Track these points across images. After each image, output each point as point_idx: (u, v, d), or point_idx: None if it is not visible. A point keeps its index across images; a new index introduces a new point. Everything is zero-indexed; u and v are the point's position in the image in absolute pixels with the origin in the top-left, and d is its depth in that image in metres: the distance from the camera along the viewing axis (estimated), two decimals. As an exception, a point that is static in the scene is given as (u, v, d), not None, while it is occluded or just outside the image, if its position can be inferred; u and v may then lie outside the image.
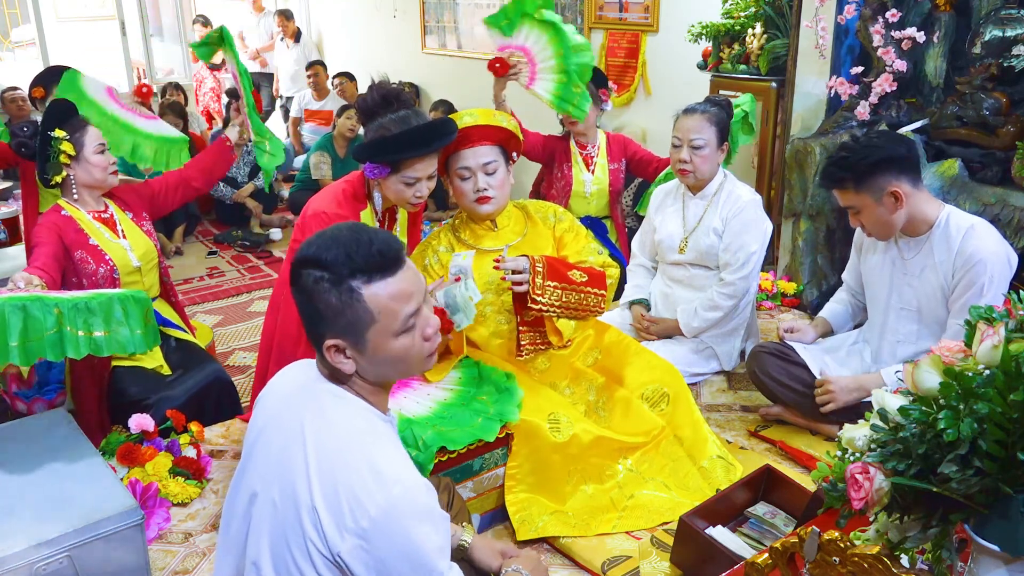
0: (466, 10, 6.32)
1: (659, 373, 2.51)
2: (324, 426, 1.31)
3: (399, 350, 1.32)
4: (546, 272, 2.26)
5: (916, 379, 1.15)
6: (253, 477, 1.38)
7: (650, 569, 2.08)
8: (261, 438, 1.39)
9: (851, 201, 2.38)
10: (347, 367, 1.32)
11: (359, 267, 1.25)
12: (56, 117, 2.66)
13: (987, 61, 3.04)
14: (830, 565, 1.22)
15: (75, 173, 2.66)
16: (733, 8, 4.16)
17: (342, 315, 1.27)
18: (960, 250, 2.32)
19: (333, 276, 1.25)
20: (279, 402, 1.41)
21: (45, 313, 1.89)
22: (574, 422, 2.28)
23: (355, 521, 1.21)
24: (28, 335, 1.88)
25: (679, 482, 2.37)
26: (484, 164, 2.33)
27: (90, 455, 2.08)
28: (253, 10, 8.20)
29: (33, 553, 1.74)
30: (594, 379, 2.51)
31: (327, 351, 1.31)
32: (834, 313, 2.80)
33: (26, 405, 2.87)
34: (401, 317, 1.29)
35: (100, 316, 1.97)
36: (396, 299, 1.28)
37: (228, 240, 5.48)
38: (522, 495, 2.24)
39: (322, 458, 1.27)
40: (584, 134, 3.71)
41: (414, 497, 1.23)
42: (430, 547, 1.24)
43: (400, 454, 1.33)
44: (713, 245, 2.95)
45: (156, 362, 2.75)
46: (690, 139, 2.89)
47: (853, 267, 2.76)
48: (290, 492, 1.28)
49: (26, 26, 8.00)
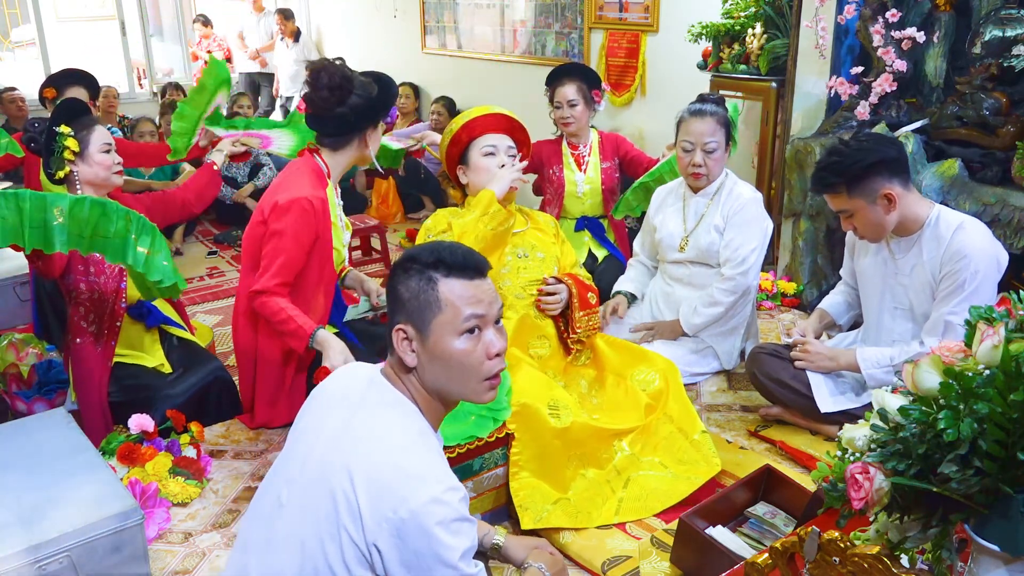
0: (466, 10, 6.33)
1: (648, 360, 2.59)
2: (374, 422, 1.36)
3: (458, 353, 1.39)
4: (580, 303, 2.54)
5: (916, 379, 1.15)
6: (286, 475, 1.41)
7: (650, 569, 2.08)
8: (303, 437, 1.44)
9: (843, 205, 2.37)
10: (409, 359, 1.40)
11: (444, 262, 1.40)
12: (65, 114, 2.67)
13: (987, 61, 3.04)
14: (830, 565, 1.22)
15: (79, 170, 2.66)
16: (733, 8, 4.16)
17: (416, 299, 1.39)
18: (948, 245, 2.33)
19: (420, 266, 1.40)
20: (329, 400, 1.47)
21: (118, 216, 2.14)
22: (573, 411, 2.33)
23: (394, 512, 1.25)
24: (96, 230, 2.13)
25: (675, 457, 2.42)
26: (508, 146, 2.53)
27: (90, 455, 2.08)
28: (253, 10, 8.20)
29: (33, 553, 1.74)
30: (584, 372, 2.61)
31: (395, 335, 1.41)
32: (833, 304, 2.80)
33: (26, 405, 2.88)
34: (464, 314, 1.38)
35: (151, 237, 2.22)
36: (465, 298, 1.39)
37: (228, 240, 5.48)
38: (526, 480, 2.26)
39: (369, 450, 1.31)
40: (576, 135, 3.72)
41: (449, 502, 1.27)
42: (459, 550, 1.28)
43: (441, 461, 1.37)
44: (714, 243, 2.95)
45: (157, 360, 2.75)
46: (704, 143, 2.88)
47: (848, 267, 2.77)
48: (327, 482, 1.31)
49: (26, 26, 8.01)
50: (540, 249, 2.60)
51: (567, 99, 3.62)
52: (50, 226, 2.09)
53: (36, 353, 3.10)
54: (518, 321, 2.53)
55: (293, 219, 2.41)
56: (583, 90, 3.62)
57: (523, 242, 2.59)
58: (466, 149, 2.53)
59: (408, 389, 1.43)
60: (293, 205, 2.41)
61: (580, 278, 2.60)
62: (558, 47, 5.53)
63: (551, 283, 2.55)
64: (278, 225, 2.42)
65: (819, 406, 2.53)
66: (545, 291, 2.54)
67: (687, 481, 2.35)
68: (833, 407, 2.54)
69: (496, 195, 2.39)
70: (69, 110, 2.70)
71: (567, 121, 3.65)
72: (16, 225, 2.06)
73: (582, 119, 3.66)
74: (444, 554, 1.25)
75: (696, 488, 2.33)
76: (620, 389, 2.56)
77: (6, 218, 2.05)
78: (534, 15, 5.68)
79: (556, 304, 2.54)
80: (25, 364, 3.02)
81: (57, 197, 2.11)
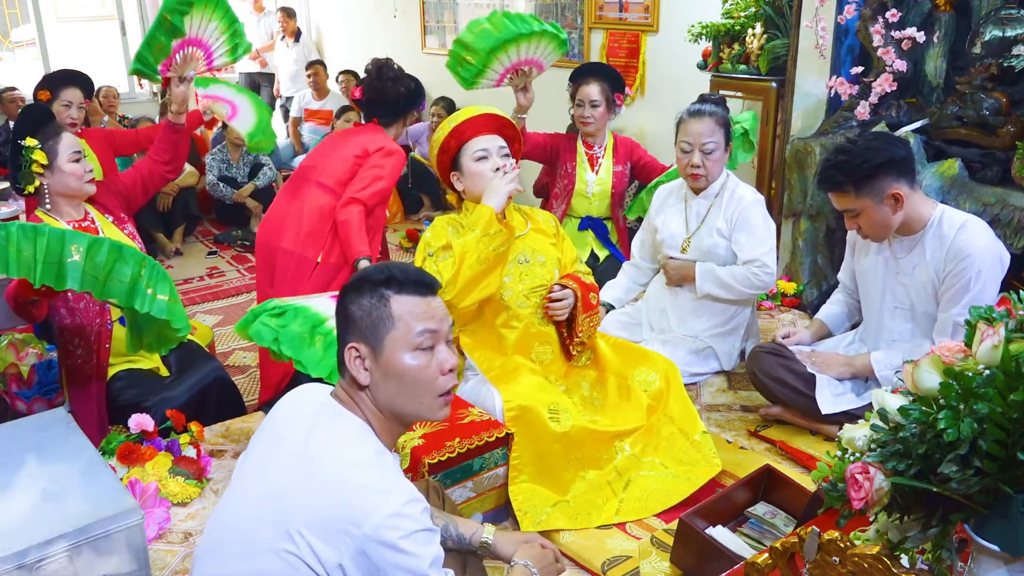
0: (466, 10, 6.33)
1: (650, 361, 2.58)
2: (328, 445, 1.34)
3: (412, 369, 1.39)
4: (583, 305, 2.50)
5: (916, 379, 1.15)
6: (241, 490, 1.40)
7: (650, 569, 2.08)
8: (251, 456, 1.43)
9: (850, 204, 2.37)
10: (363, 377, 1.39)
11: (395, 279, 1.41)
12: (28, 123, 2.54)
13: (987, 61, 3.04)
14: (830, 565, 1.22)
15: (49, 183, 2.53)
16: (733, 8, 4.16)
17: (368, 316, 1.39)
18: (951, 245, 2.33)
19: (371, 284, 1.41)
20: (280, 426, 1.44)
21: (134, 261, 2.08)
22: (573, 415, 2.33)
23: (357, 528, 1.23)
24: (111, 275, 2.07)
25: (675, 458, 2.41)
26: (499, 147, 2.44)
27: (90, 455, 2.08)
28: (253, 10, 8.20)
29: (33, 553, 1.74)
30: (586, 374, 2.59)
31: (348, 353, 1.40)
32: (831, 315, 2.81)
33: (26, 405, 2.87)
34: (417, 329, 1.39)
35: (166, 283, 2.16)
36: (417, 314, 1.40)
37: (228, 240, 5.48)
38: (525, 485, 2.26)
39: (325, 476, 1.29)
40: (593, 135, 3.71)
41: (411, 515, 1.27)
42: (428, 559, 1.27)
43: (400, 476, 1.35)
44: (716, 245, 2.95)
45: (153, 363, 2.74)
46: (702, 143, 2.88)
47: (848, 267, 2.76)
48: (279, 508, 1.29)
49: (26, 26, 8.01)
50: (541, 253, 2.56)
51: (590, 99, 3.60)
52: (64, 263, 2.02)
53: (36, 353, 3.09)
54: (522, 330, 2.51)
55: (393, 163, 3.03)
56: (606, 92, 3.61)
57: (524, 247, 2.55)
58: (457, 155, 2.46)
59: (362, 410, 1.41)
60: (397, 152, 3.05)
61: (582, 278, 2.58)
62: (558, 47, 5.53)
63: (557, 291, 2.50)
64: (382, 163, 2.99)
65: (820, 408, 2.53)
66: (552, 298, 2.51)
67: (687, 481, 2.35)
68: (834, 408, 2.53)
69: (495, 210, 2.33)
70: (31, 119, 2.56)
71: (586, 121, 3.64)
72: (30, 259, 2.00)
73: (601, 120, 3.65)
74: (413, 565, 1.25)
75: (696, 488, 2.33)
76: (622, 390, 2.55)
77: (21, 251, 1.99)
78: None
79: (564, 309, 2.50)
80: (25, 364, 3.02)
81: (75, 235, 2.04)
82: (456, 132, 2.43)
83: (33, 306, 2.39)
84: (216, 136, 6.19)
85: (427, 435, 2.19)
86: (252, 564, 1.29)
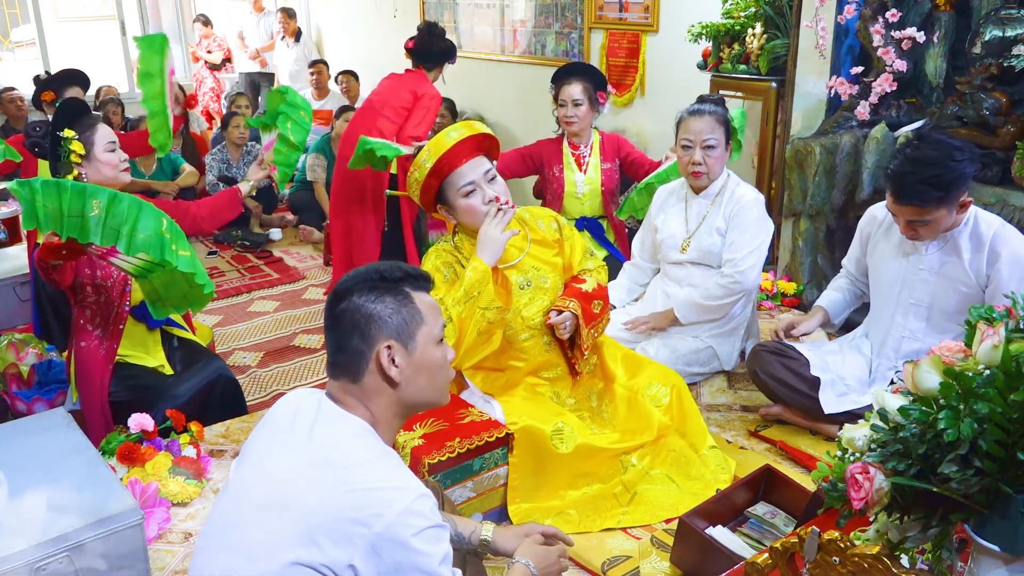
0: (466, 10, 6.33)
1: (659, 375, 2.53)
2: (332, 446, 1.33)
3: (438, 360, 1.45)
4: (585, 319, 2.38)
5: (916, 379, 1.15)
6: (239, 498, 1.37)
7: (650, 569, 2.08)
8: (247, 462, 1.41)
9: (927, 215, 2.29)
10: (395, 374, 1.40)
11: (410, 276, 1.45)
12: (66, 116, 2.66)
13: (987, 61, 3.04)
14: (830, 565, 1.22)
15: (86, 172, 2.66)
16: (733, 8, 4.15)
17: (397, 314, 1.40)
18: (992, 247, 2.33)
19: (389, 283, 1.42)
20: (277, 430, 1.42)
21: (155, 216, 2.19)
22: (578, 433, 2.29)
23: (368, 527, 1.24)
24: (136, 229, 2.16)
25: (683, 472, 2.39)
26: (485, 172, 2.29)
27: (90, 455, 2.08)
28: (253, 10, 8.20)
29: (33, 553, 1.74)
30: (593, 385, 2.53)
31: (381, 354, 1.38)
32: (832, 301, 2.79)
33: (26, 405, 2.88)
34: (440, 323, 1.47)
35: (184, 240, 2.27)
36: (436, 309, 1.47)
37: (228, 240, 5.48)
38: (524, 506, 2.25)
39: (329, 472, 1.29)
40: (578, 135, 3.72)
41: (421, 511, 1.27)
42: (438, 557, 1.28)
43: (403, 470, 1.35)
44: (716, 244, 2.95)
45: (158, 361, 2.75)
46: (703, 140, 2.88)
47: (855, 255, 2.75)
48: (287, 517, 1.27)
49: (26, 26, 8.01)
50: (544, 274, 2.42)
51: (572, 98, 3.61)
52: (87, 217, 2.11)
53: (36, 353, 3.10)
54: (528, 361, 2.43)
55: (437, 104, 3.88)
56: (588, 90, 3.62)
57: (524, 269, 2.40)
58: (441, 191, 2.30)
59: (367, 410, 1.40)
60: (437, 97, 3.89)
61: (582, 289, 2.43)
62: (558, 47, 5.53)
63: (554, 317, 2.35)
64: (429, 105, 3.82)
65: (823, 407, 2.53)
66: (551, 324, 2.36)
67: (693, 496, 2.31)
68: (837, 408, 2.53)
69: (490, 266, 2.23)
70: (69, 111, 2.69)
71: (570, 120, 3.65)
72: (56, 212, 2.10)
73: (585, 119, 3.65)
74: (423, 563, 1.25)
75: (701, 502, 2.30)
76: (632, 403, 2.46)
77: (47, 205, 2.09)
78: (534, 15, 5.69)
79: (567, 330, 2.38)
80: (25, 364, 3.03)
81: (97, 190, 2.13)
82: (436, 170, 2.26)
83: (55, 271, 2.47)
84: (216, 136, 6.19)
85: (427, 435, 2.19)
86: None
